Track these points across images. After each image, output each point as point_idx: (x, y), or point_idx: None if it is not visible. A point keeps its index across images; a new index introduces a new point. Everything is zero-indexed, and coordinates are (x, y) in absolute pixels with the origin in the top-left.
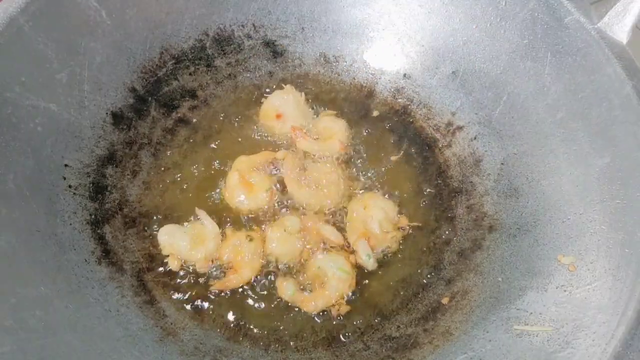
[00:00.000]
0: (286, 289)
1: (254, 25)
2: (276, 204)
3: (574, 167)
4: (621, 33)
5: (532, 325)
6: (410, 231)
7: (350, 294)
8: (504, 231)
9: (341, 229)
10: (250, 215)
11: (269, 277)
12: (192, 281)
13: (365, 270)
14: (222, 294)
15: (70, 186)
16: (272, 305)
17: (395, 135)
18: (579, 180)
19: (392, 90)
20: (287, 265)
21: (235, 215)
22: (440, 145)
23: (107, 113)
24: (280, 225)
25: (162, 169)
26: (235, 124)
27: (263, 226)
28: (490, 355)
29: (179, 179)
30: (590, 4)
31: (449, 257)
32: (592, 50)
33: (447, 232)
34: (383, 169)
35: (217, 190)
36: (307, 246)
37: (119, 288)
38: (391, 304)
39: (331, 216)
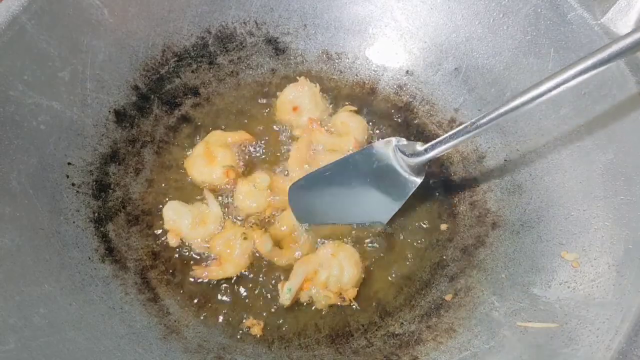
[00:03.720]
0: (265, 245)
1: (256, 22)
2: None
3: (577, 163)
4: (625, 29)
5: (536, 321)
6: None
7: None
8: (507, 228)
9: None
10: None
11: (273, 280)
12: (196, 279)
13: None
14: (225, 291)
15: (73, 184)
16: (275, 303)
17: (398, 132)
18: (583, 177)
19: (395, 87)
20: (252, 221)
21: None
22: None
23: (109, 111)
24: (251, 180)
25: (165, 166)
26: (237, 122)
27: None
28: (493, 352)
29: (181, 176)
30: (594, 0)
31: (452, 253)
32: (595, 46)
33: (450, 229)
34: None
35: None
36: (275, 198)
37: (122, 286)
38: (394, 300)
39: None
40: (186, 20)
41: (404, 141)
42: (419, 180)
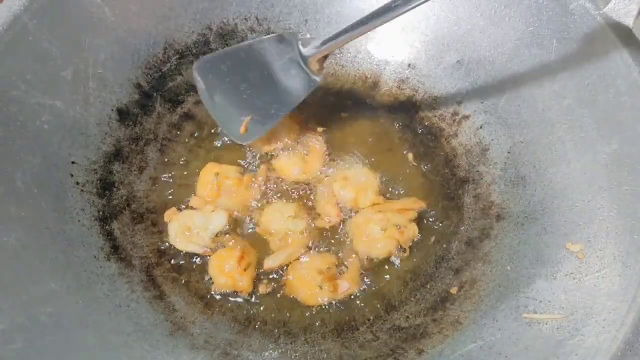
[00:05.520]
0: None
1: (257, 18)
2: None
3: (581, 154)
4: (627, 18)
5: (542, 313)
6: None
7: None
8: (511, 220)
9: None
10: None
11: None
12: (200, 276)
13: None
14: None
15: (77, 183)
16: (280, 298)
17: (400, 126)
18: (587, 168)
19: (397, 80)
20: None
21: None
22: (447, 135)
23: (112, 109)
24: (284, 212)
25: (169, 164)
26: None
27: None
28: (499, 344)
29: (185, 173)
30: None
31: (457, 246)
32: (598, 36)
33: (454, 222)
34: (389, 160)
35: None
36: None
37: (128, 283)
38: (400, 294)
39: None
40: (187, 17)
41: (307, 36)
42: (318, 80)
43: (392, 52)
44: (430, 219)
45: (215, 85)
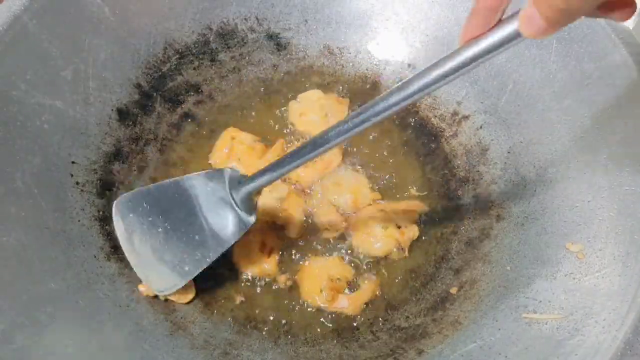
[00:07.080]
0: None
1: (257, 18)
2: None
3: (581, 154)
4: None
5: (542, 313)
6: None
7: None
8: (511, 220)
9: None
10: None
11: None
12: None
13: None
14: (231, 286)
15: (77, 183)
16: (280, 298)
17: (401, 126)
18: (587, 168)
19: (397, 80)
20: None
21: None
22: (446, 135)
23: (112, 109)
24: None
25: (169, 164)
26: (241, 118)
27: None
28: (499, 344)
29: (185, 173)
30: None
31: (457, 246)
32: (598, 36)
33: (454, 222)
34: (390, 160)
35: None
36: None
37: (128, 283)
38: (400, 294)
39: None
40: (187, 17)
41: (238, 173)
42: (252, 220)
43: (392, 52)
44: (431, 219)
45: (135, 226)
